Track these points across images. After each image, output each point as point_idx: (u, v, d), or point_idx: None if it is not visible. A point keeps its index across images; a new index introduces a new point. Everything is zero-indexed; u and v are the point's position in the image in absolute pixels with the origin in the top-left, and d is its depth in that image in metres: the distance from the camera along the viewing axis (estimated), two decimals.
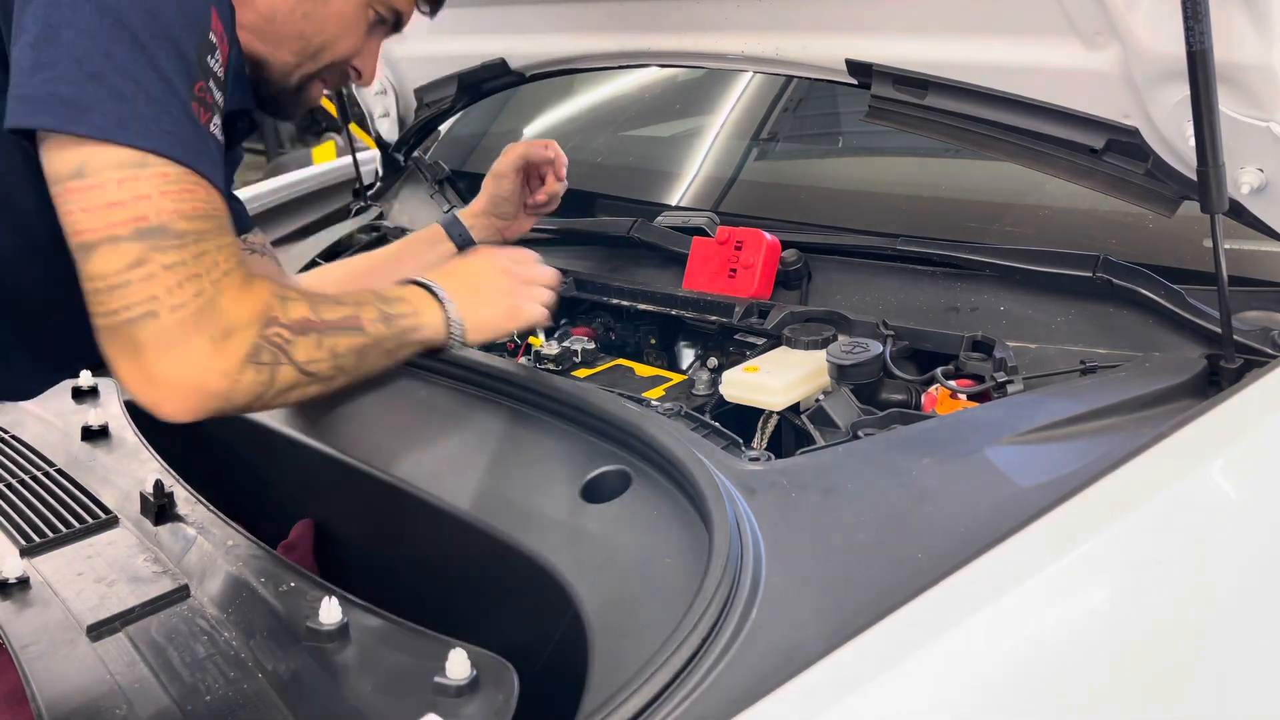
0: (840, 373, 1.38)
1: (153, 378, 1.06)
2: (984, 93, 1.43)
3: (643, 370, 1.63)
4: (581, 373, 1.63)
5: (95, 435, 1.53)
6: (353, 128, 2.38)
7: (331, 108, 2.26)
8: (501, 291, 1.41)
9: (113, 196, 1.02)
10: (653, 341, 1.77)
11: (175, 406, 1.08)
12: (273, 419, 1.57)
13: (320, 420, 1.56)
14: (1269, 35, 1.15)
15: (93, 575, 1.22)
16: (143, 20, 1.02)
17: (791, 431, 1.43)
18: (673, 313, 1.65)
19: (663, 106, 2.34)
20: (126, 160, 1.02)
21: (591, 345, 1.70)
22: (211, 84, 1.08)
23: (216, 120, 1.09)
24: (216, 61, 1.09)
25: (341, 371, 1.22)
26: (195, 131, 1.06)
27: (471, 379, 1.51)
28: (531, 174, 1.79)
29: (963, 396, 1.29)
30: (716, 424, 1.32)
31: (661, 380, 1.59)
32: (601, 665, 1.00)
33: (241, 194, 2.46)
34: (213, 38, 1.07)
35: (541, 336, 1.76)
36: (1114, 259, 1.38)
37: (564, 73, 2.03)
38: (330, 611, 1.07)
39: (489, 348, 1.73)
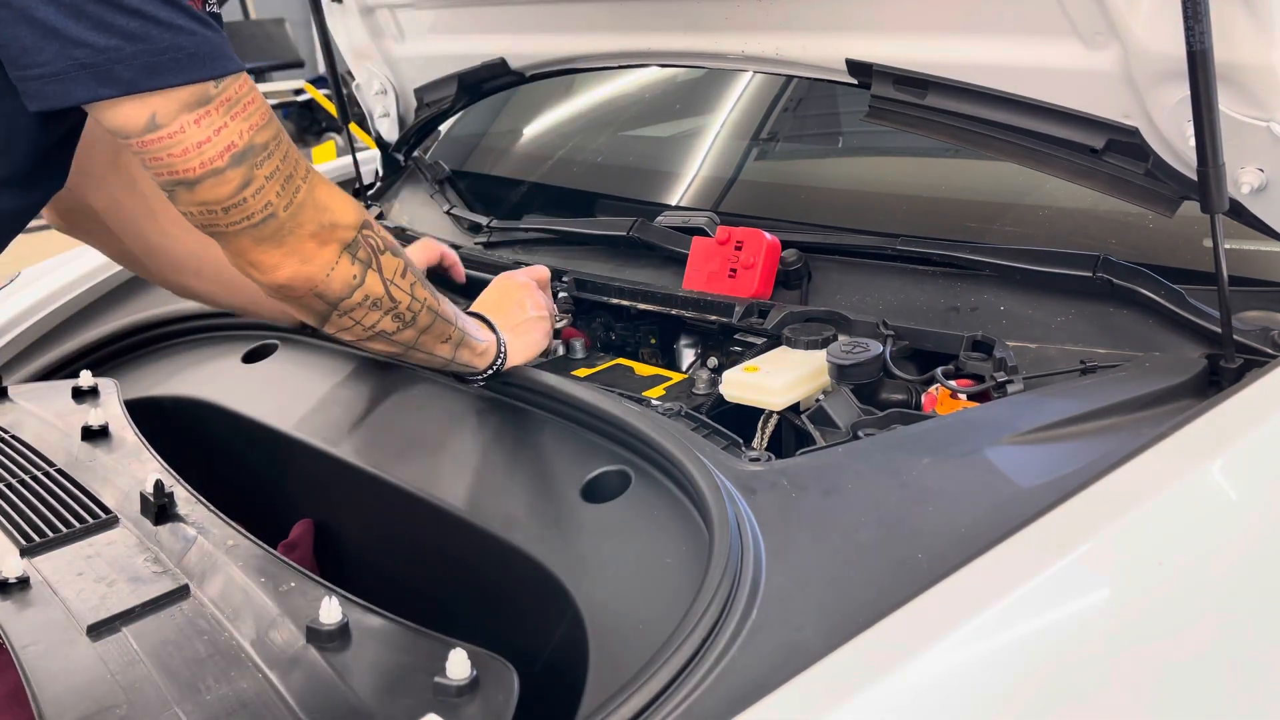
0: (840, 373, 1.38)
1: (274, 260, 1.16)
2: (984, 93, 1.43)
3: (643, 370, 1.63)
4: (581, 372, 1.63)
5: (95, 435, 1.53)
6: (353, 128, 2.38)
7: (331, 108, 2.27)
8: (535, 320, 1.50)
9: (196, 137, 1.06)
10: (652, 341, 1.77)
11: (287, 278, 1.18)
12: (273, 419, 1.58)
13: (320, 420, 1.57)
14: (1269, 35, 1.15)
15: (93, 575, 1.21)
16: None
17: (791, 431, 1.43)
18: (672, 313, 1.65)
19: (663, 106, 2.34)
20: (189, 100, 1.05)
21: (582, 350, 1.71)
22: None
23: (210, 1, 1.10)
24: None
25: (415, 322, 1.28)
26: (211, 32, 1.07)
27: None
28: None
29: (963, 396, 1.29)
30: (716, 424, 1.32)
31: (661, 380, 1.58)
32: (601, 665, 1.00)
33: None
34: None
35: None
36: (1114, 259, 1.38)
37: (564, 73, 2.03)
38: (330, 611, 1.07)
39: None
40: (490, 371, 1.42)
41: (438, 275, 1.75)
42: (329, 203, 1.18)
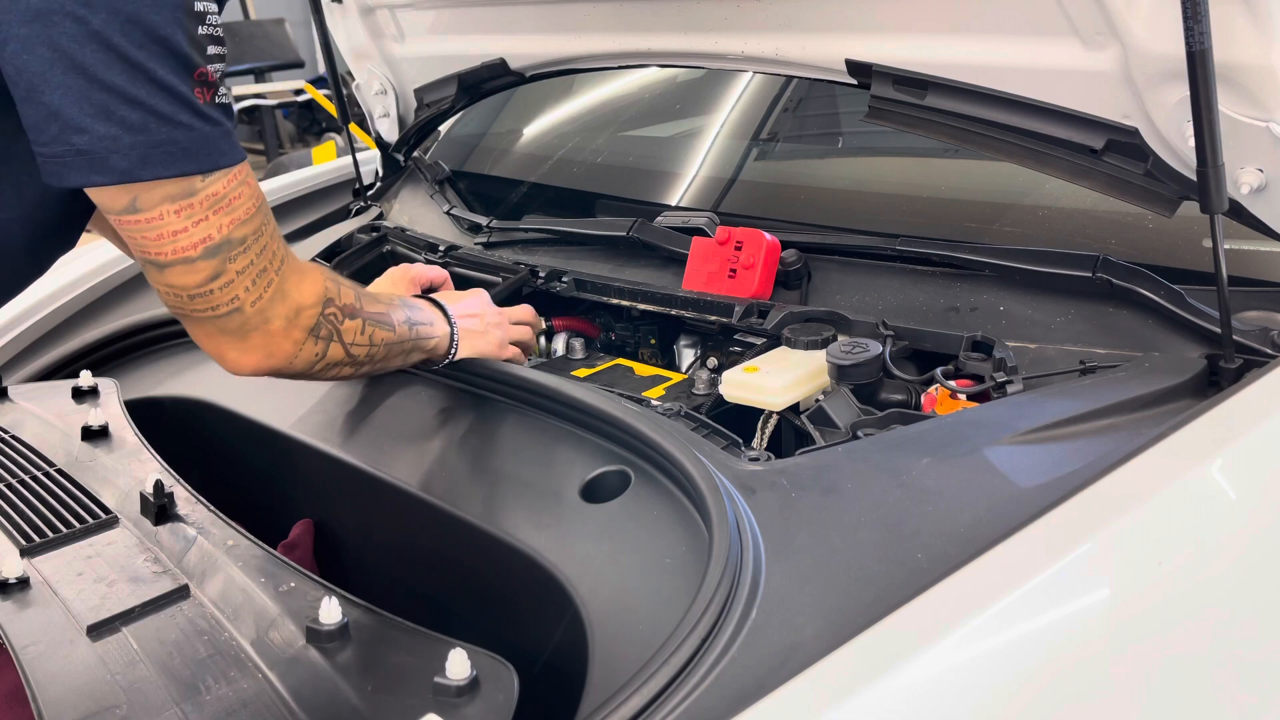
0: (840, 373, 1.38)
1: (236, 354, 1.19)
2: (984, 93, 1.43)
3: (642, 370, 1.63)
4: (581, 372, 1.63)
5: (95, 435, 1.53)
6: (353, 128, 2.38)
7: (331, 108, 2.27)
8: (494, 324, 1.54)
9: (173, 226, 1.07)
10: (652, 341, 1.77)
11: (250, 370, 1.21)
12: (273, 419, 1.57)
13: (320, 421, 1.57)
14: (1269, 35, 1.15)
15: (93, 575, 1.21)
16: (125, 33, 1.00)
17: (791, 431, 1.43)
18: (672, 313, 1.65)
19: (663, 106, 2.34)
20: (174, 192, 1.06)
21: (582, 350, 1.71)
22: (210, 50, 1.07)
23: (223, 88, 1.09)
24: (210, 14, 1.07)
25: (371, 360, 1.34)
26: (211, 126, 1.07)
27: (472, 379, 1.51)
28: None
29: (963, 396, 1.29)
30: (716, 424, 1.32)
31: (661, 380, 1.59)
32: (601, 665, 1.00)
33: None
34: (197, 5, 1.05)
35: (542, 341, 1.76)
36: (1114, 259, 1.38)
37: (564, 73, 2.03)
38: (330, 611, 1.07)
39: None
40: (445, 361, 1.48)
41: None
42: (296, 290, 1.20)
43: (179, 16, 1.03)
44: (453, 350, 1.47)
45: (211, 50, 1.07)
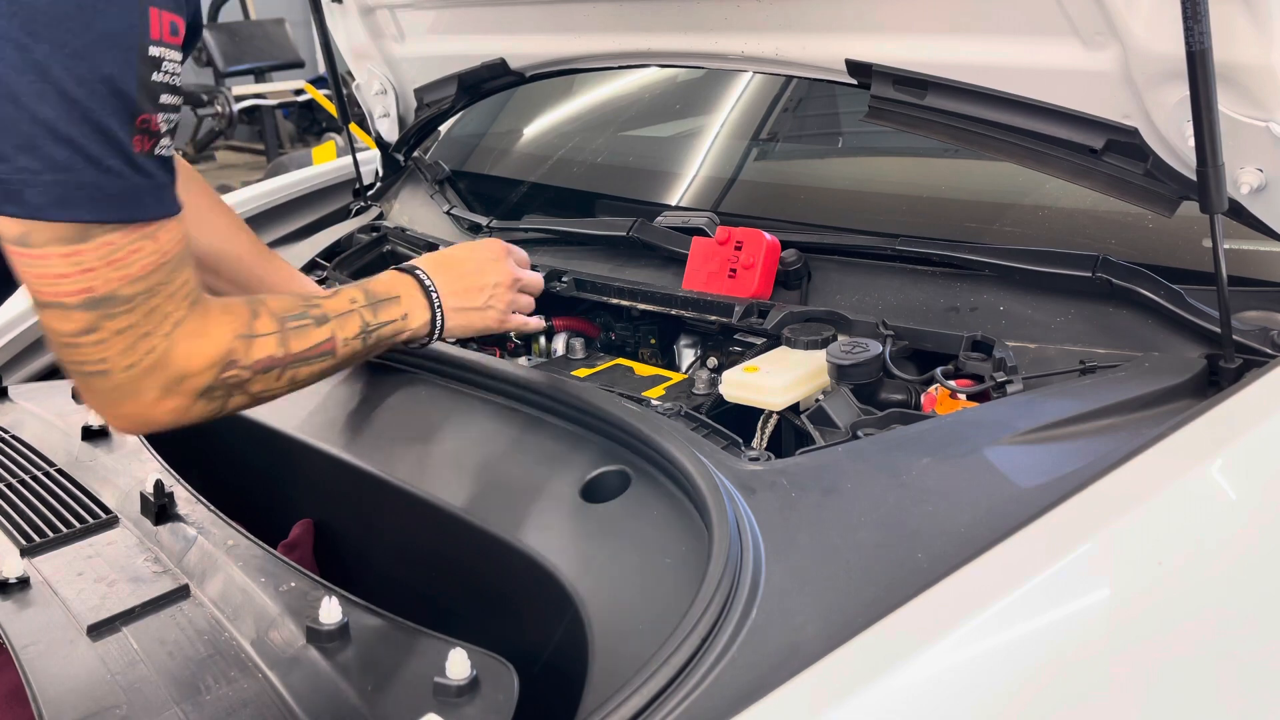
0: (840, 373, 1.38)
1: (107, 413, 1.10)
2: (984, 93, 1.43)
3: (643, 370, 1.63)
4: (581, 372, 1.63)
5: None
6: (353, 128, 2.38)
7: (331, 107, 2.27)
8: (490, 293, 1.45)
9: (58, 269, 1.00)
10: (652, 341, 1.77)
11: (127, 430, 1.14)
12: (274, 419, 1.57)
13: (320, 420, 1.57)
14: (1269, 35, 1.15)
15: (93, 575, 1.21)
16: (67, 67, 0.94)
17: (791, 431, 1.43)
18: (672, 313, 1.65)
19: (663, 106, 2.34)
20: (68, 235, 0.99)
21: (582, 350, 1.71)
22: (163, 99, 1.01)
23: (165, 140, 1.03)
24: (168, 60, 1.01)
25: (306, 380, 1.25)
26: (142, 178, 1.01)
27: (472, 379, 1.51)
28: None
29: (963, 396, 1.29)
30: (716, 424, 1.32)
31: (661, 380, 1.59)
32: (601, 665, 1.00)
33: (242, 194, 2.46)
34: (154, 49, 0.99)
35: (542, 341, 1.76)
36: (1114, 259, 1.38)
37: (564, 73, 2.03)
38: (330, 611, 1.07)
39: (489, 349, 1.73)
40: (428, 338, 1.41)
41: None
42: (184, 358, 1.08)
43: (130, 59, 0.97)
44: (436, 330, 1.40)
45: (164, 99, 1.01)
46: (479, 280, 1.46)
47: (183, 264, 1.08)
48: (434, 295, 1.39)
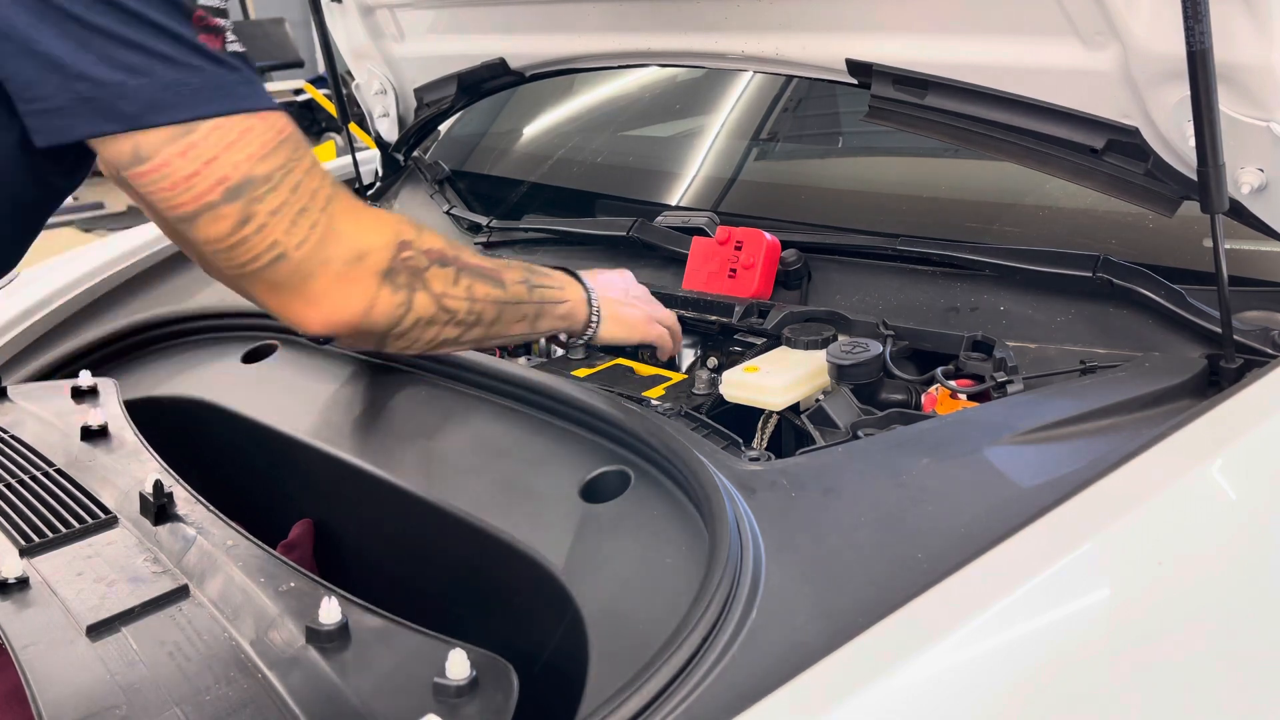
0: (840, 373, 1.38)
1: (301, 306, 1.09)
2: (984, 93, 1.43)
3: (643, 370, 1.63)
4: (581, 372, 1.63)
5: (95, 435, 1.53)
6: (352, 128, 2.38)
7: (331, 107, 2.27)
8: (637, 302, 1.50)
9: (183, 170, 1.00)
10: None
11: (322, 327, 1.11)
12: (274, 419, 1.57)
13: (320, 420, 1.57)
14: (1269, 35, 1.15)
15: (92, 575, 1.21)
16: None
17: (791, 431, 1.43)
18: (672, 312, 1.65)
19: (663, 106, 2.34)
20: (174, 134, 1.00)
21: (582, 350, 1.71)
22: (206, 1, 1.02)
23: (230, 36, 1.04)
24: None
25: (480, 320, 1.24)
26: (224, 71, 1.02)
27: (472, 379, 1.51)
28: None
29: (963, 396, 1.29)
30: (716, 424, 1.32)
31: (661, 380, 1.59)
32: (601, 665, 1.00)
33: None
34: None
35: (542, 341, 1.76)
36: (1114, 259, 1.38)
37: (564, 73, 2.03)
38: (330, 611, 1.07)
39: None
40: (589, 332, 1.43)
41: None
42: (355, 232, 1.10)
43: None
44: (594, 320, 1.40)
45: (206, 1, 1.02)
46: (623, 285, 1.51)
47: (304, 145, 1.08)
48: (588, 286, 1.42)
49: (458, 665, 0.97)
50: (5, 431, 1.55)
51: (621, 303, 1.48)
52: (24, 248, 1.19)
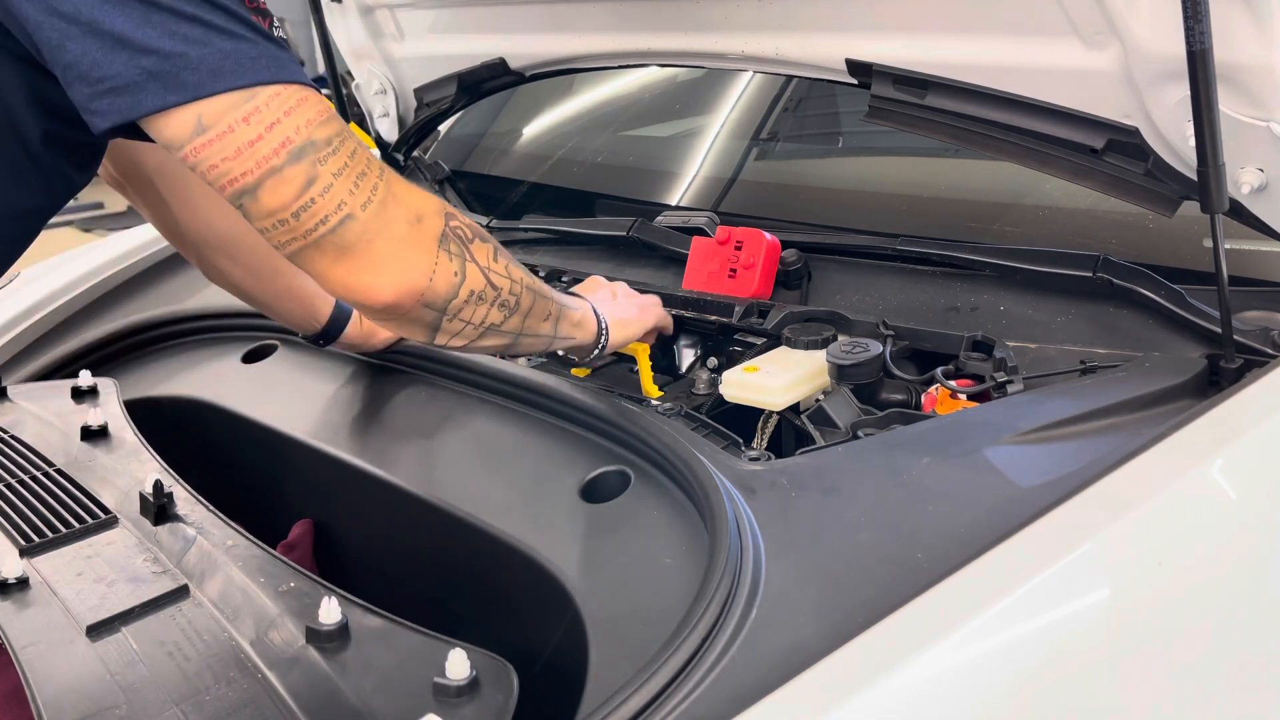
0: (840, 373, 1.38)
1: (370, 276, 1.09)
2: (984, 93, 1.43)
3: (644, 371, 1.62)
4: (581, 372, 1.63)
5: (95, 435, 1.53)
6: (352, 127, 2.37)
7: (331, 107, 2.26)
8: (623, 298, 1.52)
9: (246, 135, 1.02)
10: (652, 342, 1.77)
11: (393, 293, 1.11)
12: (273, 419, 1.58)
13: (320, 420, 1.57)
14: (1269, 35, 1.15)
15: (92, 575, 1.21)
16: None
17: (791, 431, 1.43)
18: (672, 313, 1.65)
19: (663, 106, 2.34)
20: (236, 101, 1.02)
21: None
22: None
23: (276, 22, 1.07)
24: None
25: (518, 307, 1.24)
26: (275, 48, 1.05)
27: (472, 379, 1.51)
28: None
29: (963, 396, 1.29)
30: (716, 424, 1.32)
31: (664, 381, 1.59)
32: (601, 665, 1.00)
33: None
34: None
35: None
36: (1114, 259, 1.38)
37: (564, 73, 2.03)
38: (330, 611, 1.07)
39: None
40: (599, 347, 1.42)
41: None
42: (410, 197, 1.11)
43: None
44: (604, 328, 1.42)
45: None
46: (606, 286, 1.53)
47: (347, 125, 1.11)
48: (590, 303, 1.42)
49: (458, 665, 0.97)
50: (5, 431, 1.55)
51: (613, 303, 1.48)
52: (22, 250, 1.20)
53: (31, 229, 1.18)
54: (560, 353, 1.50)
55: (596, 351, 1.43)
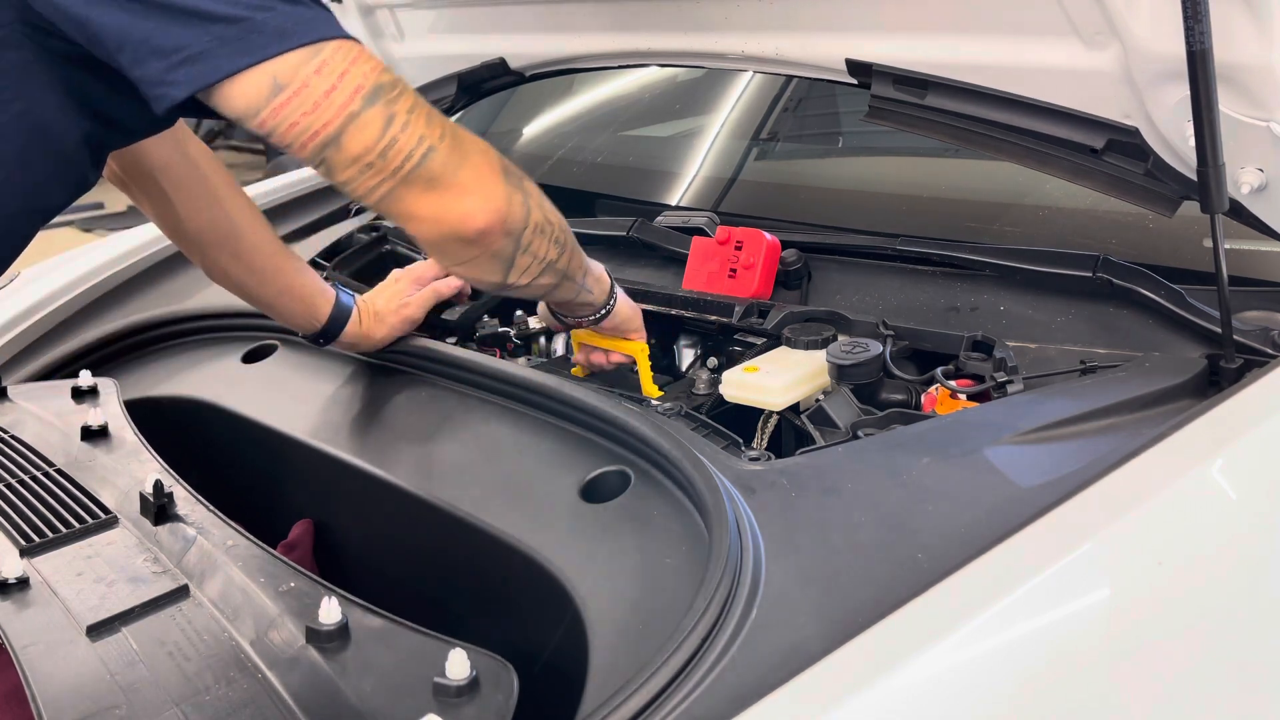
0: (840, 373, 1.38)
1: (459, 203, 1.14)
2: (984, 93, 1.43)
3: (644, 371, 1.62)
4: (580, 371, 1.63)
5: (95, 435, 1.53)
6: None
7: None
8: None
9: (320, 86, 1.06)
10: (652, 341, 1.77)
11: (485, 217, 1.16)
12: (273, 419, 1.57)
13: (320, 420, 1.57)
14: (1269, 35, 1.15)
15: (92, 575, 1.21)
16: None
17: (791, 431, 1.43)
18: (672, 313, 1.65)
19: (663, 106, 2.34)
20: (305, 56, 1.06)
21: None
22: None
23: None
24: None
25: (566, 245, 1.30)
26: (321, 8, 1.09)
27: (472, 380, 1.51)
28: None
29: (963, 396, 1.29)
30: (716, 424, 1.32)
31: (663, 380, 1.59)
32: (601, 665, 1.00)
33: None
34: None
35: (542, 341, 1.76)
36: (1114, 259, 1.38)
37: (564, 73, 2.03)
38: (330, 611, 1.07)
39: (489, 349, 1.73)
40: (606, 308, 1.48)
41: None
42: (469, 134, 1.17)
43: None
44: (614, 292, 1.47)
45: None
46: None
47: None
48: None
49: (458, 665, 0.97)
50: (5, 431, 1.55)
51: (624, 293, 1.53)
52: (21, 250, 1.21)
53: (40, 225, 1.21)
54: (566, 318, 1.53)
55: (602, 313, 1.48)
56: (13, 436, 1.53)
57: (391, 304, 1.63)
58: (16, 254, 1.21)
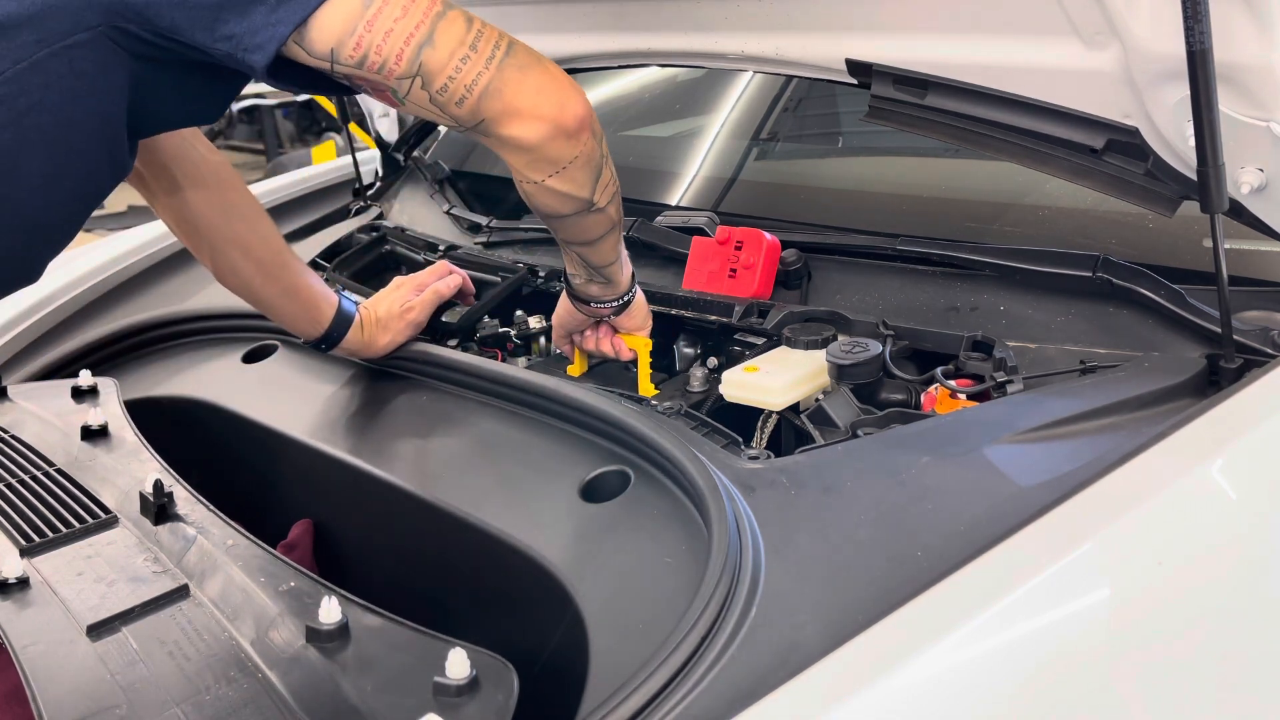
0: (840, 372, 1.38)
1: (550, 84, 1.23)
2: (984, 93, 1.43)
3: (643, 370, 1.62)
4: (576, 371, 1.63)
5: (95, 435, 1.53)
6: (352, 128, 2.38)
7: (331, 108, 2.27)
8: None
9: (393, 12, 1.12)
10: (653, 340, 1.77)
11: (579, 103, 1.25)
12: (273, 419, 1.57)
13: (320, 421, 1.57)
14: (1269, 35, 1.15)
15: (93, 575, 1.21)
16: None
17: (791, 431, 1.43)
18: (672, 313, 1.65)
19: (663, 106, 2.34)
20: None
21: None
22: None
23: None
24: None
25: (616, 180, 1.34)
26: None
27: (472, 381, 1.51)
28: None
29: (963, 396, 1.29)
30: (716, 423, 1.32)
31: (659, 378, 1.59)
32: (601, 665, 1.00)
33: None
34: None
35: (541, 342, 1.77)
36: (1114, 259, 1.38)
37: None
38: (330, 611, 1.07)
39: (489, 350, 1.73)
40: (628, 297, 1.52)
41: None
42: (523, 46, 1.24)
43: None
44: (634, 287, 1.52)
45: None
46: None
47: None
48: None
49: (458, 665, 0.97)
50: (5, 431, 1.55)
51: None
52: (76, 233, 1.27)
53: (93, 210, 1.25)
54: (585, 299, 1.53)
55: (624, 300, 1.51)
56: (13, 436, 1.53)
57: (394, 310, 1.63)
58: (71, 237, 1.25)
